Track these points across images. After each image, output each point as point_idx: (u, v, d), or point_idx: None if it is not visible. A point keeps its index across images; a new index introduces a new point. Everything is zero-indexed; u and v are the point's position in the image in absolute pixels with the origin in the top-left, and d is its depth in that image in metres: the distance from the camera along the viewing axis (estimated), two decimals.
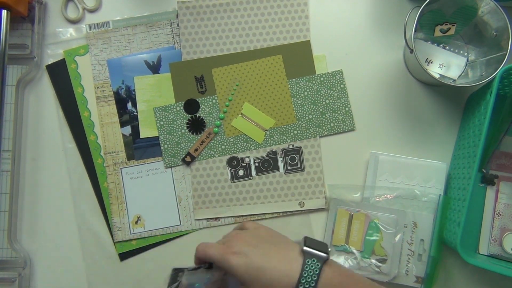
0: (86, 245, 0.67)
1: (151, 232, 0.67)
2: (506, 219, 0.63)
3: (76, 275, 0.67)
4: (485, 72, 0.62)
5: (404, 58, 0.69)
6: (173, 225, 0.67)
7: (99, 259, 0.67)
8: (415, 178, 0.65)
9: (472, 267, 0.61)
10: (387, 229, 0.63)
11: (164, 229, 0.67)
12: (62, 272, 0.67)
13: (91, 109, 0.68)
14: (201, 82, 0.69)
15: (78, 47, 0.69)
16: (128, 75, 0.68)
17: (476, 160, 0.56)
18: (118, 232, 0.67)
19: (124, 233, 0.67)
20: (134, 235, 0.67)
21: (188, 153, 0.68)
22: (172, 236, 0.67)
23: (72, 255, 0.67)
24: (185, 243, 0.67)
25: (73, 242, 0.67)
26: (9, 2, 0.62)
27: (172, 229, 0.67)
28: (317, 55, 0.69)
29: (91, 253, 0.67)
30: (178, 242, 0.67)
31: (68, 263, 0.67)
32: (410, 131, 0.69)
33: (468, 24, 0.65)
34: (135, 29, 0.69)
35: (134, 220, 0.67)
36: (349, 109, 0.68)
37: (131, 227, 0.67)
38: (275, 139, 0.68)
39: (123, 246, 0.67)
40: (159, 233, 0.67)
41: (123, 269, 0.67)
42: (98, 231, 0.67)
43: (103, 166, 0.68)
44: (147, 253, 0.67)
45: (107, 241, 0.67)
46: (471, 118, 0.63)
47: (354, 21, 0.70)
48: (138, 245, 0.67)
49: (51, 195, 0.68)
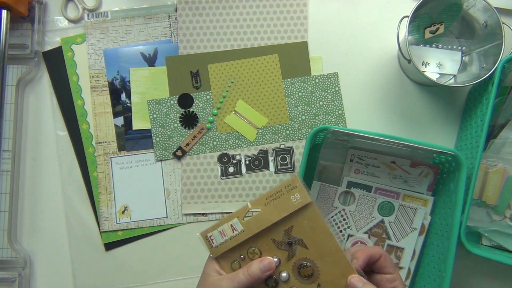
0: (73, 233, 0.67)
1: (137, 223, 0.67)
2: None
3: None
4: (485, 63, 0.62)
5: (400, 65, 0.69)
6: (160, 217, 0.67)
7: (84, 248, 0.67)
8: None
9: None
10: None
11: (151, 221, 0.67)
12: (62, 272, 0.67)
13: (85, 98, 0.68)
14: (196, 77, 0.69)
15: (75, 35, 0.69)
16: (124, 66, 0.69)
17: (479, 150, 0.57)
18: (105, 222, 0.67)
19: (111, 223, 0.67)
20: (121, 225, 0.67)
21: (179, 147, 0.68)
22: (158, 228, 0.67)
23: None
24: (171, 236, 0.67)
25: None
26: (9, 2, 0.62)
27: (159, 222, 0.67)
28: (313, 56, 0.69)
29: (77, 242, 0.67)
30: (163, 235, 0.67)
31: (68, 263, 0.67)
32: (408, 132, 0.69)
33: (455, 20, 0.66)
34: (133, 21, 0.69)
35: (121, 209, 0.67)
36: (342, 112, 0.69)
37: (117, 216, 0.67)
38: (267, 138, 0.68)
39: (109, 236, 0.67)
40: (145, 224, 0.67)
41: (107, 259, 0.67)
42: (85, 220, 0.67)
43: (93, 155, 0.68)
44: (132, 244, 0.67)
45: (94, 230, 0.67)
46: (473, 109, 0.64)
47: (352, 24, 0.70)
48: (123, 236, 0.67)
49: (51, 195, 0.68)
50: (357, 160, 0.64)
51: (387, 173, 0.63)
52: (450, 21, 0.67)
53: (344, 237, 0.63)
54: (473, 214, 0.63)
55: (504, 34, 0.59)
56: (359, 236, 0.63)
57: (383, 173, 0.63)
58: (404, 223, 0.62)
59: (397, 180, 0.63)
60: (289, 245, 0.48)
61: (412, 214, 0.62)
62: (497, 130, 0.64)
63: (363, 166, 0.64)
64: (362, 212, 0.63)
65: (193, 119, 0.68)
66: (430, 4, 0.63)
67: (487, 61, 0.62)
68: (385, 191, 0.63)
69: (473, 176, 0.57)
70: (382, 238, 0.62)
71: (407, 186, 0.63)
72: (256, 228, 0.47)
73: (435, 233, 0.61)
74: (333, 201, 0.63)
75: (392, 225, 0.62)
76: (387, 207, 0.62)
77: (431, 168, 0.63)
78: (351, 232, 0.63)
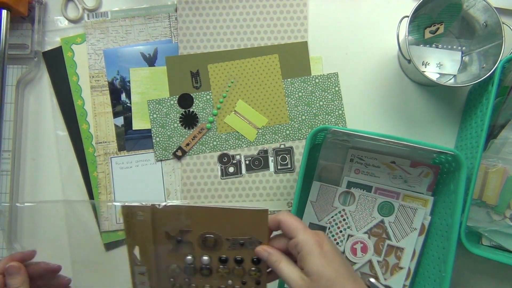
0: (73, 233, 0.67)
1: None
2: None
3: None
4: (485, 63, 0.62)
5: (400, 65, 0.69)
6: None
7: (85, 248, 0.67)
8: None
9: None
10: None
11: None
12: (62, 272, 0.66)
13: (85, 98, 0.68)
14: (196, 77, 0.69)
15: (75, 35, 0.69)
16: (124, 66, 0.69)
17: (479, 150, 0.57)
18: (105, 221, 0.67)
19: (111, 223, 0.67)
20: (121, 225, 0.67)
21: (179, 147, 0.68)
22: None
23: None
24: None
25: None
26: (9, 2, 0.62)
27: None
28: (313, 56, 0.69)
29: (77, 242, 0.67)
30: None
31: (68, 263, 0.67)
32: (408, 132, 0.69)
33: (455, 20, 0.66)
34: (133, 21, 0.69)
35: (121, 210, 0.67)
36: (342, 112, 0.69)
37: (117, 216, 0.67)
38: (267, 138, 0.68)
39: (109, 236, 0.67)
40: None
41: (107, 259, 0.67)
42: (85, 220, 0.67)
43: (93, 155, 0.68)
44: None
45: (94, 230, 0.67)
46: (473, 109, 0.64)
47: (352, 24, 0.70)
48: (123, 236, 0.67)
49: (51, 195, 0.68)
50: (357, 160, 0.64)
51: (387, 173, 0.63)
52: (450, 21, 0.67)
53: (344, 237, 0.63)
54: (473, 214, 0.63)
55: (504, 34, 0.59)
56: (359, 236, 0.63)
57: (383, 173, 0.63)
58: (404, 223, 0.62)
59: (397, 180, 0.63)
60: (179, 242, 0.49)
61: (412, 214, 0.62)
62: (497, 130, 0.64)
63: (363, 166, 0.64)
64: (362, 212, 0.63)
65: (193, 119, 0.68)
66: (430, 4, 0.63)
67: (487, 61, 0.62)
68: (385, 191, 0.63)
69: (473, 176, 0.57)
70: (382, 238, 0.62)
71: (407, 186, 0.63)
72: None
73: (435, 233, 0.61)
74: (333, 201, 0.63)
75: (392, 225, 0.62)
76: (387, 207, 0.62)
77: (431, 168, 0.63)
78: (351, 232, 0.63)
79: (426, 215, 0.62)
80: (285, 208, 0.68)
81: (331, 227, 0.63)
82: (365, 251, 0.62)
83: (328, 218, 0.63)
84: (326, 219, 0.63)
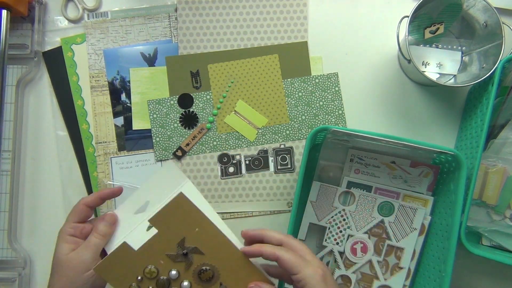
0: None
1: None
2: None
3: None
4: (485, 63, 0.62)
5: (400, 65, 0.69)
6: None
7: None
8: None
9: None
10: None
11: None
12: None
13: (85, 98, 0.68)
14: (196, 77, 0.69)
15: (75, 35, 0.69)
16: (124, 66, 0.69)
17: (479, 150, 0.57)
18: None
19: None
20: None
21: (179, 147, 0.68)
22: None
23: None
24: None
25: None
26: (9, 2, 0.62)
27: None
28: (313, 56, 0.69)
29: None
30: None
31: None
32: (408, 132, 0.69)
33: (455, 20, 0.66)
34: (133, 21, 0.69)
35: None
36: (342, 112, 0.69)
37: None
38: (267, 138, 0.68)
39: None
40: None
41: None
42: None
43: (93, 155, 0.68)
44: None
45: None
46: (473, 109, 0.64)
47: (352, 24, 0.70)
48: None
49: (51, 195, 0.68)
50: (357, 160, 0.64)
51: (387, 173, 0.63)
52: (450, 21, 0.67)
53: (344, 237, 0.63)
54: (473, 214, 0.63)
55: (504, 34, 0.59)
56: (359, 236, 0.63)
57: (383, 173, 0.63)
58: (404, 223, 0.62)
59: (397, 180, 0.63)
60: (185, 256, 0.49)
61: (412, 214, 0.62)
62: (497, 130, 0.64)
63: (363, 166, 0.64)
64: (362, 212, 0.63)
65: (193, 119, 0.68)
66: (430, 4, 0.63)
67: (487, 61, 0.62)
68: (385, 191, 0.63)
69: (473, 176, 0.57)
70: (382, 238, 0.62)
71: (407, 186, 0.63)
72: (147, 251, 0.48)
73: (435, 233, 0.61)
74: (333, 201, 0.63)
75: (392, 225, 0.62)
76: (387, 207, 0.62)
77: (431, 168, 0.63)
78: (351, 232, 0.63)
79: (426, 215, 0.62)
80: (285, 208, 0.68)
81: (331, 227, 0.63)
82: (365, 251, 0.62)
83: (328, 218, 0.63)
84: (326, 219, 0.63)
